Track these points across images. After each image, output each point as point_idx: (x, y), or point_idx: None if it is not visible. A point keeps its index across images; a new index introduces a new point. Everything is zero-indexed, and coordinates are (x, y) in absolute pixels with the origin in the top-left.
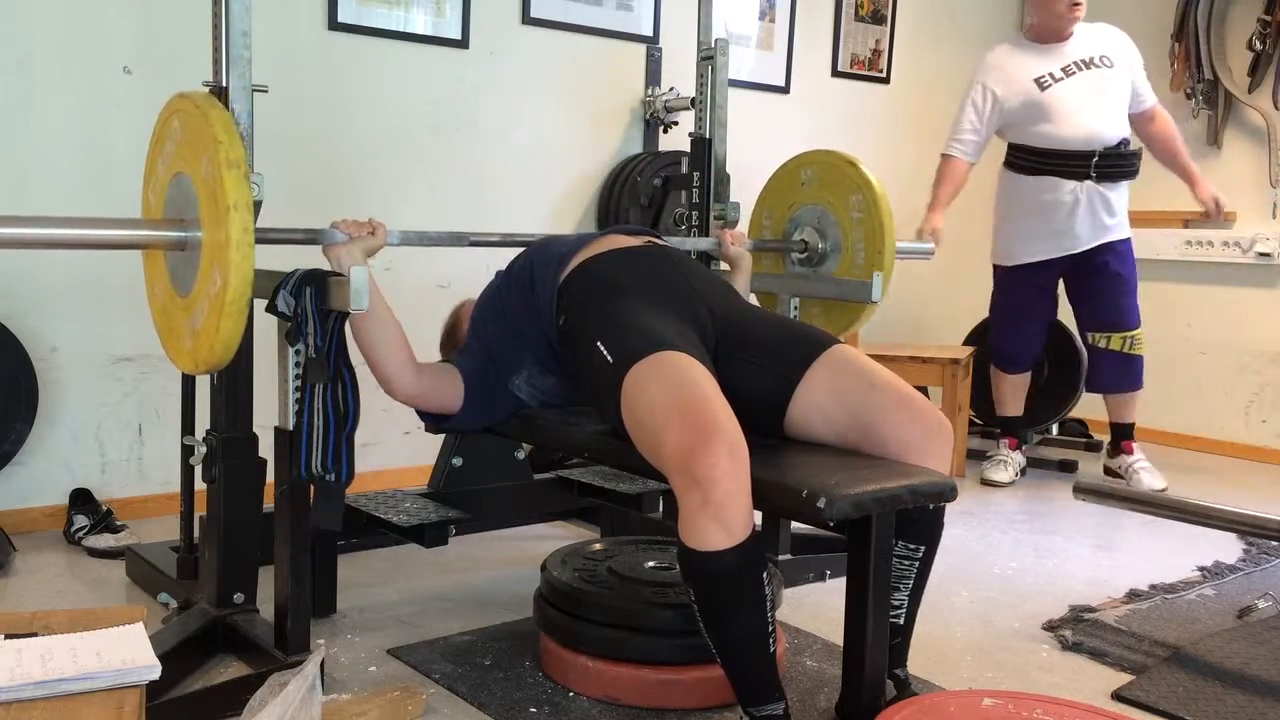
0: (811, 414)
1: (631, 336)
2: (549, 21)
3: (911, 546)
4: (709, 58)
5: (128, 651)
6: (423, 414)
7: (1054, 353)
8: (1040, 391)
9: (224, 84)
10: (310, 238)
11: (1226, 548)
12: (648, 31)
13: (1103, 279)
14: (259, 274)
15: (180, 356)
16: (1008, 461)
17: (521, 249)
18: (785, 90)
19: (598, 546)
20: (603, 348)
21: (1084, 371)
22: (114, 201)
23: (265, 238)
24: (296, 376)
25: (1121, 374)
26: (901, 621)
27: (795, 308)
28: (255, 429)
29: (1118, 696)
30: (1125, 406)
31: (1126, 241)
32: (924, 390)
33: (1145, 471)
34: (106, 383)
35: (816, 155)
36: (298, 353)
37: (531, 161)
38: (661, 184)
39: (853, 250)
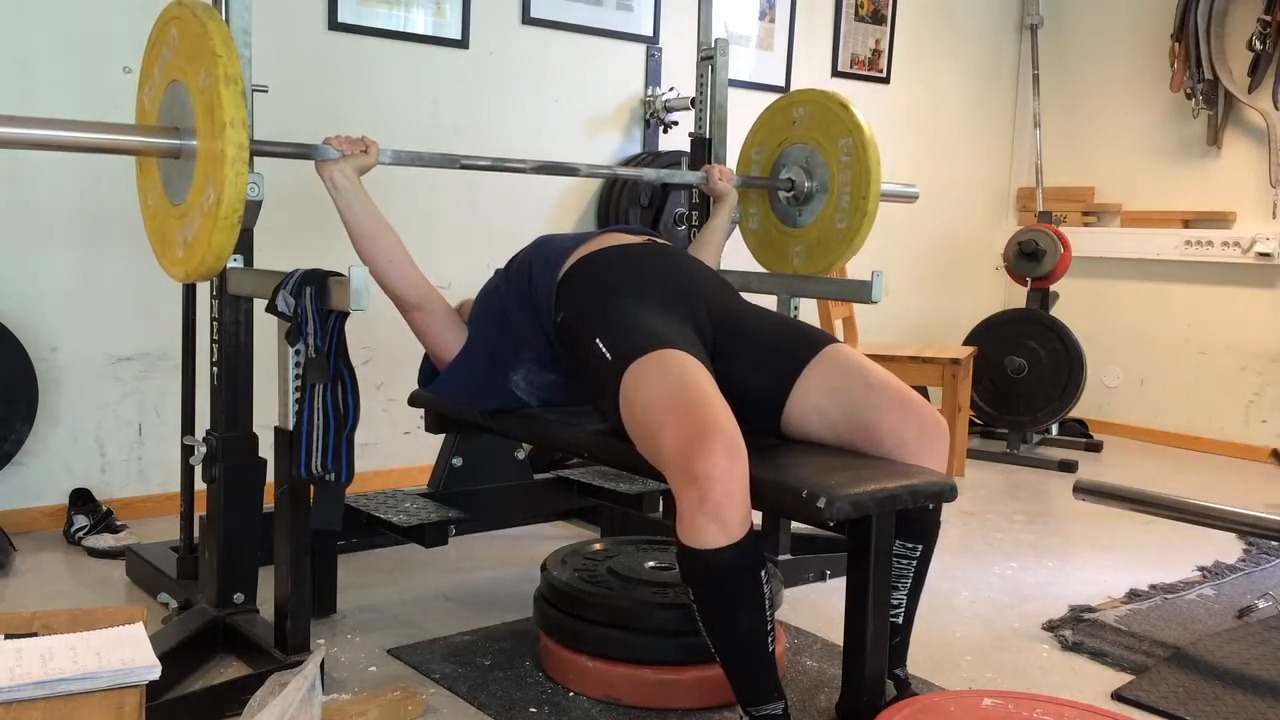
0: (809, 413)
1: (630, 334)
2: (549, 21)
3: (909, 546)
4: (709, 58)
5: (128, 651)
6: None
7: (1054, 352)
8: (1040, 391)
9: None
10: (303, 152)
11: (1226, 548)
12: (648, 31)
13: None
14: (259, 273)
15: (172, 264)
16: None
17: (513, 172)
18: (785, 90)
19: (598, 546)
20: (601, 345)
21: (1085, 371)
22: (114, 201)
23: (259, 150)
24: (296, 376)
25: None
26: (900, 621)
27: (795, 308)
28: (255, 429)
29: (1118, 696)
30: None
31: None
32: (924, 390)
33: None
34: (106, 383)
35: (810, 94)
36: (298, 353)
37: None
38: (662, 184)
39: (839, 192)
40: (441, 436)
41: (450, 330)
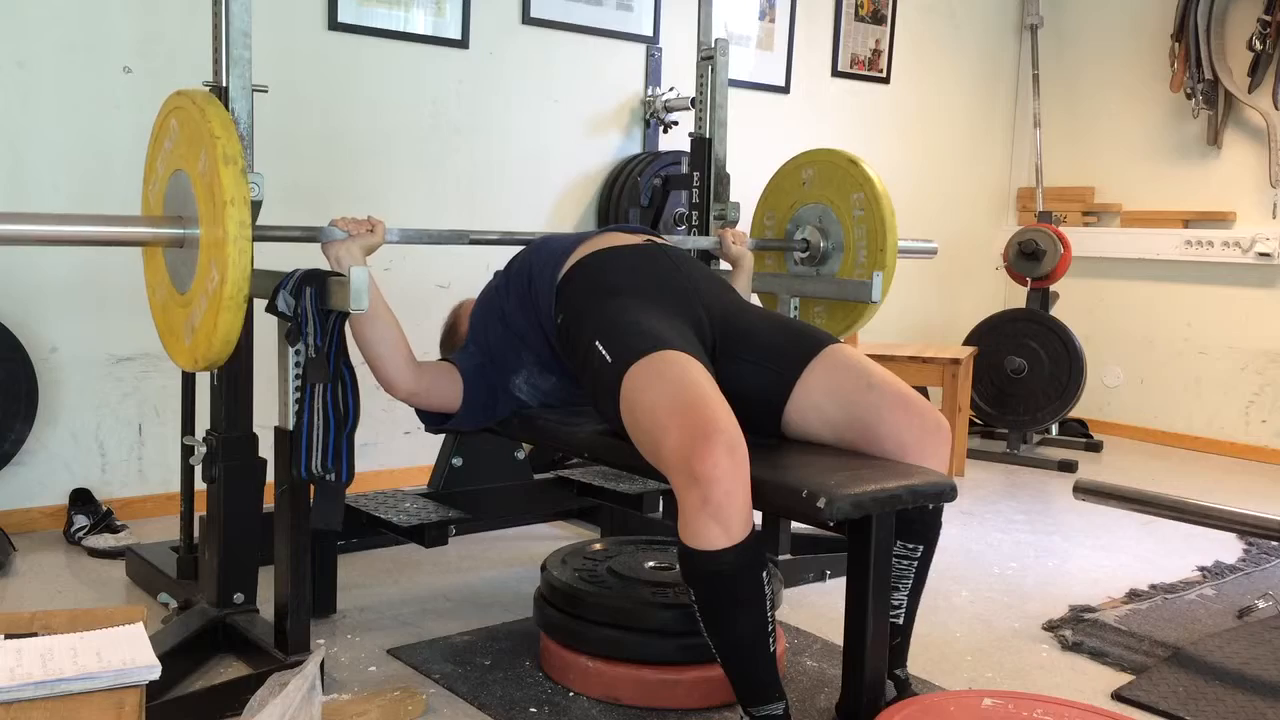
0: (809, 413)
1: (630, 335)
2: (549, 21)
3: (910, 546)
4: (709, 58)
5: (128, 651)
6: (422, 414)
7: (1054, 352)
8: (1040, 391)
9: (224, 84)
10: (309, 235)
11: (1226, 548)
12: (648, 31)
13: None
14: (259, 274)
15: (180, 354)
16: None
17: (521, 247)
18: (785, 90)
19: (598, 546)
20: (601, 347)
21: (1085, 371)
22: (114, 201)
23: (263, 235)
24: (296, 376)
25: None
26: (901, 621)
27: (795, 307)
28: (255, 429)
29: (1118, 696)
30: None
31: None
32: (924, 391)
33: None
34: (106, 383)
35: (818, 155)
36: (298, 353)
37: (531, 161)
38: (661, 184)
39: (855, 248)
40: (441, 436)
41: (445, 388)
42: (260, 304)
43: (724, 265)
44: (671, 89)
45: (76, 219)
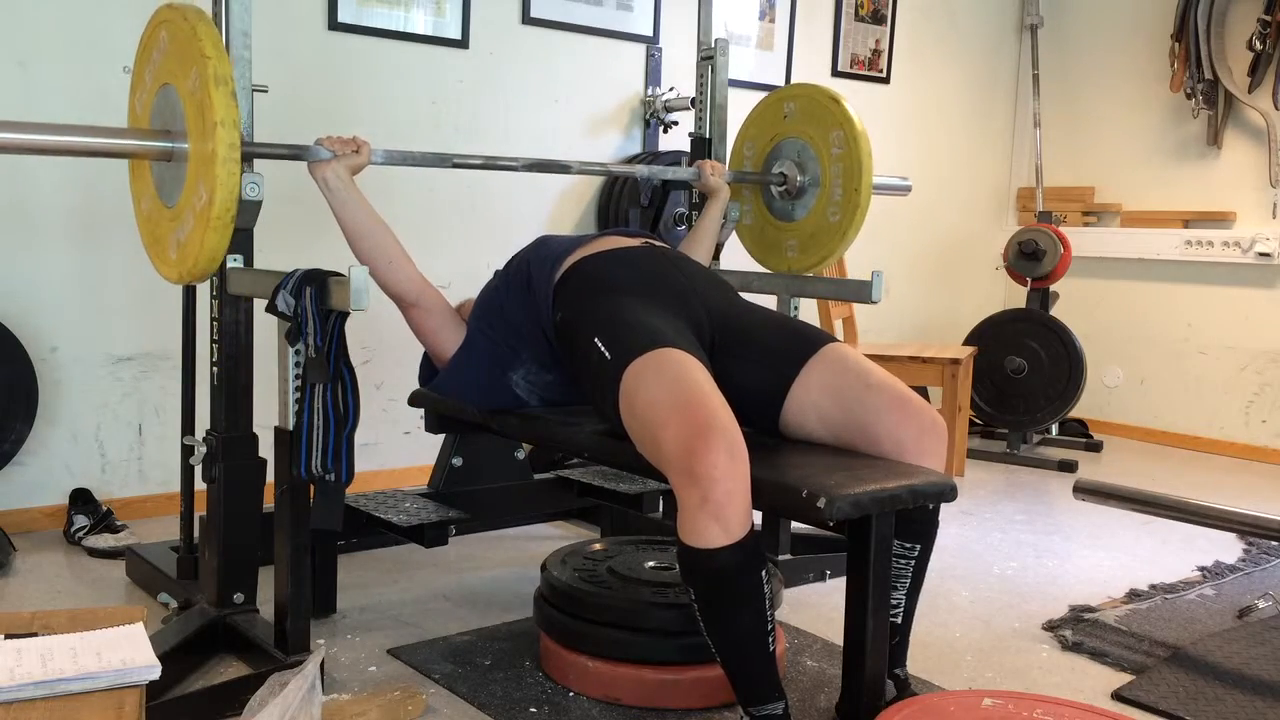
0: (807, 412)
1: (629, 334)
2: (549, 21)
3: (907, 545)
4: (709, 58)
5: (128, 651)
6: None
7: (1054, 353)
8: (1040, 391)
9: None
10: (295, 153)
11: (1226, 548)
12: (648, 31)
13: None
14: (259, 274)
15: (165, 265)
16: None
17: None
18: None
19: (598, 546)
20: (600, 345)
21: (1085, 371)
22: (114, 201)
23: (251, 152)
24: (296, 376)
25: None
26: (900, 621)
27: (795, 307)
28: (255, 429)
29: (1118, 696)
30: None
31: None
32: (924, 391)
33: None
34: (106, 383)
35: (800, 89)
36: (298, 353)
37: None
38: (661, 184)
39: (831, 185)
40: (441, 436)
41: (448, 327)
42: (261, 304)
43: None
44: (671, 89)
45: (67, 129)
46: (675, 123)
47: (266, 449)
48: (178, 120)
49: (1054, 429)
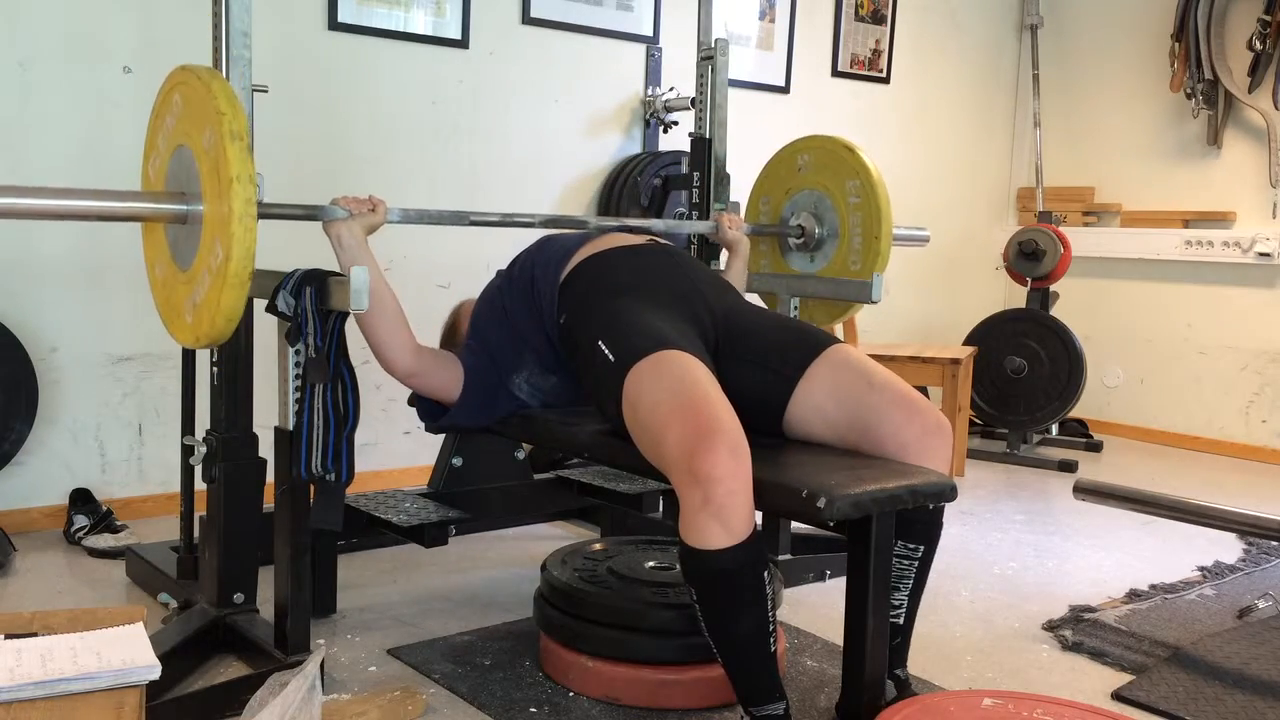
0: (810, 413)
1: (633, 335)
2: (549, 21)
3: (911, 546)
4: (709, 58)
5: (128, 651)
6: (421, 408)
7: (1054, 352)
8: (1040, 391)
9: None
10: (310, 213)
11: (1226, 548)
12: (648, 31)
13: None
14: (259, 273)
15: (181, 331)
16: None
17: (520, 229)
18: (785, 90)
19: (598, 546)
20: (604, 346)
21: (1085, 371)
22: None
23: (266, 213)
24: (296, 376)
25: None
26: (901, 621)
27: (795, 307)
28: (255, 429)
29: (1118, 696)
30: None
31: None
32: (924, 390)
33: None
34: (106, 383)
35: (814, 140)
36: (298, 353)
37: (531, 161)
38: (661, 184)
39: (850, 235)
40: (441, 436)
41: (445, 373)
42: (261, 304)
43: (722, 257)
44: (671, 89)
45: (79, 194)
46: (675, 123)
47: (266, 449)
48: (193, 182)
49: (1054, 429)
